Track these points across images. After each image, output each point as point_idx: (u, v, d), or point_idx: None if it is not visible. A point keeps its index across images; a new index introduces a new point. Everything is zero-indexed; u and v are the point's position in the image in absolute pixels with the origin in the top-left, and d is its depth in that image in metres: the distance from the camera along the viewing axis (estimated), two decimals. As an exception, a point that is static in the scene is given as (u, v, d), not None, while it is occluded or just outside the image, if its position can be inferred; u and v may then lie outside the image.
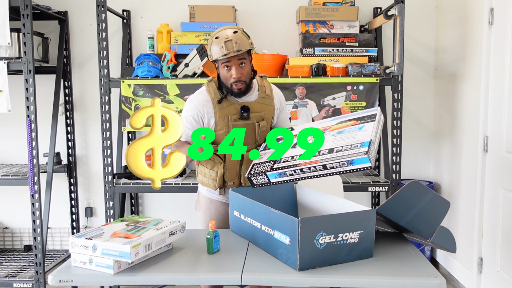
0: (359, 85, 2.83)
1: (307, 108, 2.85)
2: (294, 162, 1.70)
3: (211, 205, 2.14)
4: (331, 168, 1.60)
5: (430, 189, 1.66)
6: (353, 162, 1.55)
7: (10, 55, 2.88)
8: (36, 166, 2.76)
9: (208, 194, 2.15)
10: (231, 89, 1.95)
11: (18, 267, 3.10)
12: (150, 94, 2.84)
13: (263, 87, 2.07)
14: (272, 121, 2.09)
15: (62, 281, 1.50)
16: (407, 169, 3.39)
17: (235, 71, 1.89)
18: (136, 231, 1.61)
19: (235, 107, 1.98)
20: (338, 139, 1.71)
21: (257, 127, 2.00)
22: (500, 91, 2.52)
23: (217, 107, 1.97)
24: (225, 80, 1.95)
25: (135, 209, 3.49)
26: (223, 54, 1.86)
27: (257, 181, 1.80)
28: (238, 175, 2.03)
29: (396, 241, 1.78)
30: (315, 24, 3.03)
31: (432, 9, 3.36)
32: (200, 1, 3.20)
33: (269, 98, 2.07)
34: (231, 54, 1.85)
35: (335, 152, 1.62)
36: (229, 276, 1.50)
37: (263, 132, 2.02)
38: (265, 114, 2.04)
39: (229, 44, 1.84)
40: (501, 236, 2.54)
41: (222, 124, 1.98)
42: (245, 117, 1.98)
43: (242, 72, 1.91)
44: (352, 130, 1.72)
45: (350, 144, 1.62)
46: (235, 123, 1.97)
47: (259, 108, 2.02)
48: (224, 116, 1.97)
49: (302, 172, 1.67)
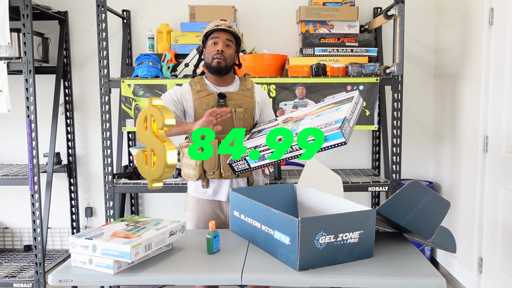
0: (359, 85, 2.83)
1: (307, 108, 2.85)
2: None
3: (198, 205, 2.15)
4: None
5: (430, 189, 1.66)
6: (327, 138, 1.61)
7: (10, 55, 2.88)
8: (36, 166, 2.76)
9: (194, 193, 2.17)
10: (211, 64, 2.06)
11: (18, 267, 3.10)
12: (150, 94, 2.84)
13: (244, 81, 2.17)
14: (254, 114, 2.14)
15: (62, 281, 1.50)
16: (407, 169, 3.39)
17: (221, 45, 2.04)
18: (136, 231, 1.61)
19: (214, 96, 2.08)
20: (315, 121, 1.76)
21: (233, 113, 2.06)
22: (500, 91, 2.52)
23: (196, 96, 2.08)
24: (208, 56, 2.08)
25: (135, 209, 3.49)
26: (216, 25, 2.04)
27: (238, 167, 1.86)
28: (217, 164, 2.06)
29: (396, 241, 1.78)
30: (315, 24, 3.03)
31: (432, 9, 3.36)
32: (200, 1, 3.20)
33: (250, 91, 2.15)
34: (223, 26, 2.04)
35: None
36: (229, 276, 1.50)
37: (240, 119, 2.08)
38: (243, 104, 2.10)
39: (222, 22, 2.07)
40: (501, 236, 2.54)
41: (201, 112, 2.06)
42: (221, 104, 2.06)
43: (226, 50, 2.05)
44: (329, 112, 1.79)
45: (326, 123, 1.68)
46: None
47: (238, 98, 2.11)
48: (203, 104, 2.06)
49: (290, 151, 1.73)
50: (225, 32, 2.06)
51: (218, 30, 2.06)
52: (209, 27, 2.08)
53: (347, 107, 1.72)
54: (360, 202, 2.03)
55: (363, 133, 3.42)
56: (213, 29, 2.06)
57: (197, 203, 2.15)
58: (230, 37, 2.07)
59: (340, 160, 3.43)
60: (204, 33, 2.09)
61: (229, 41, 2.07)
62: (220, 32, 2.06)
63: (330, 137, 1.60)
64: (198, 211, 2.15)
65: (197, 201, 2.16)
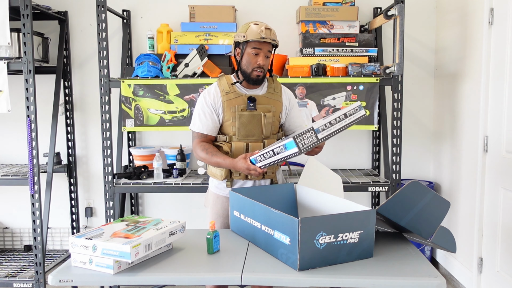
0: (359, 85, 2.83)
1: (307, 108, 2.85)
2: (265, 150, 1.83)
3: (218, 201, 2.16)
4: (277, 154, 1.76)
5: (430, 189, 1.66)
6: (286, 147, 1.68)
7: (10, 55, 2.88)
8: (36, 166, 2.76)
9: (215, 190, 2.17)
10: (250, 75, 2.02)
11: (18, 267, 3.10)
12: (150, 94, 2.84)
13: (272, 84, 2.14)
14: (280, 116, 2.14)
15: (62, 281, 1.50)
16: (407, 169, 3.39)
17: (262, 58, 2.00)
18: (136, 231, 1.61)
19: (243, 98, 2.05)
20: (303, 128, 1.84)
21: (263, 118, 2.05)
22: (500, 91, 2.52)
23: (225, 98, 2.04)
24: (247, 65, 2.02)
25: (135, 209, 3.49)
26: (261, 37, 1.97)
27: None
28: None
29: (396, 241, 1.78)
30: (315, 24, 3.03)
31: (432, 9, 3.36)
32: (200, 1, 3.20)
33: (277, 94, 2.13)
34: (268, 40, 1.98)
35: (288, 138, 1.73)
36: (229, 276, 1.49)
37: (269, 123, 2.07)
38: (272, 108, 2.09)
39: (268, 32, 1.99)
40: (501, 236, 2.54)
41: (230, 115, 2.04)
42: (251, 108, 2.04)
43: (266, 61, 2.02)
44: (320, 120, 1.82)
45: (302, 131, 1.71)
46: (241, 113, 2.04)
47: (266, 102, 2.08)
48: (232, 106, 2.04)
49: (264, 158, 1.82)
50: (267, 44, 2.00)
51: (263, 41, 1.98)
52: (252, 35, 1.96)
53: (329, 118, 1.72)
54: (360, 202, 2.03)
55: (363, 133, 3.43)
56: (257, 39, 1.97)
57: (217, 200, 2.16)
58: (270, 47, 2.03)
59: (340, 160, 3.43)
60: (246, 38, 1.98)
61: (269, 52, 2.03)
62: (264, 43, 1.99)
63: (287, 145, 1.67)
64: (217, 207, 2.16)
65: (217, 198, 2.16)
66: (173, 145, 3.34)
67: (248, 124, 2.04)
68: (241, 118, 2.04)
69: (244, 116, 2.04)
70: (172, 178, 2.92)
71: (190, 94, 2.85)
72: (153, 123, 2.88)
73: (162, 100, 2.84)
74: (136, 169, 2.93)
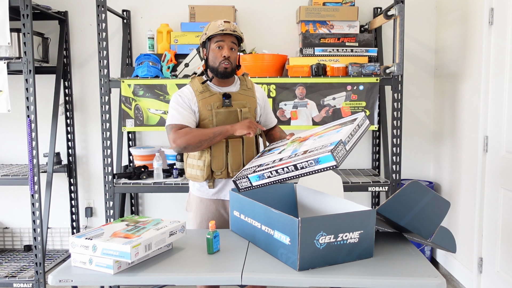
0: (359, 85, 2.83)
1: (307, 108, 2.85)
2: (273, 164, 1.73)
3: (202, 205, 2.14)
4: (301, 168, 1.63)
5: (430, 189, 1.66)
6: (319, 161, 1.58)
7: (10, 55, 2.88)
8: (36, 166, 2.76)
9: (198, 193, 2.15)
10: (218, 68, 2.03)
11: (18, 267, 3.10)
12: (150, 94, 2.84)
13: (244, 81, 2.17)
14: (256, 113, 2.15)
15: (62, 281, 1.50)
16: (407, 169, 3.39)
17: (226, 50, 2.01)
18: (136, 231, 1.61)
19: (217, 96, 2.06)
20: (316, 142, 1.74)
21: (239, 113, 2.05)
22: (500, 91, 2.52)
23: (200, 97, 2.05)
24: (213, 60, 2.04)
25: (135, 209, 3.49)
26: (221, 30, 1.99)
27: (242, 185, 1.83)
28: (225, 164, 2.05)
29: (396, 241, 1.78)
30: (315, 24, 3.03)
31: (432, 9, 3.36)
32: (200, 1, 3.20)
33: (251, 91, 2.16)
34: (228, 31, 2.00)
35: (308, 153, 1.65)
36: (229, 276, 1.49)
37: (245, 119, 2.05)
38: (247, 103, 2.10)
39: (227, 24, 2.01)
40: (501, 236, 2.54)
41: (206, 113, 2.04)
42: (227, 104, 2.05)
43: (231, 54, 2.03)
44: (331, 133, 1.77)
45: (322, 145, 1.65)
46: (218, 110, 2.04)
47: (241, 98, 2.11)
48: (207, 105, 2.04)
49: (277, 174, 1.70)
50: (230, 36, 2.03)
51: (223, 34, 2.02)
52: (212, 30, 2.02)
53: (347, 130, 1.70)
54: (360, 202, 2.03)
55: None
56: (218, 33, 2.01)
57: (201, 203, 2.14)
58: (234, 39, 2.05)
59: (340, 160, 3.43)
60: (207, 35, 2.03)
61: (234, 44, 2.04)
62: (225, 35, 2.02)
63: (321, 160, 1.58)
64: (202, 211, 2.14)
65: (200, 201, 2.14)
66: (173, 145, 3.34)
67: (225, 121, 2.03)
68: (218, 115, 2.03)
69: (221, 113, 2.03)
70: (172, 178, 2.92)
71: (190, 94, 2.84)
72: (153, 123, 2.88)
73: (162, 100, 2.84)
74: (136, 169, 2.93)
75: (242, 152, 2.08)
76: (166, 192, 2.90)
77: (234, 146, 2.05)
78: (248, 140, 2.08)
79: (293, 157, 1.68)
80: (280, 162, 1.71)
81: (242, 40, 2.10)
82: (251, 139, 2.09)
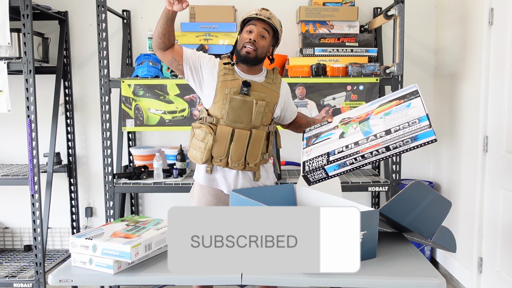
0: (359, 85, 2.83)
1: (307, 108, 2.85)
2: (352, 150, 1.67)
3: (201, 191, 2.10)
4: (394, 149, 1.60)
5: (432, 189, 1.67)
6: (417, 138, 1.57)
7: (10, 55, 2.88)
8: (36, 166, 2.76)
9: (200, 181, 2.10)
10: (240, 52, 1.98)
11: (18, 267, 3.10)
12: (150, 94, 2.84)
13: (272, 75, 2.09)
14: (274, 109, 2.06)
15: (62, 281, 1.50)
16: (407, 169, 3.39)
17: (255, 34, 1.95)
18: (136, 231, 1.61)
19: (238, 82, 1.98)
20: (389, 120, 1.69)
21: (254, 105, 1.97)
22: (500, 91, 2.52)
23: (222, 78, 1.98)
24: (240, 43, 1.99)
25: (135, 209, 3.49)
26: (255, 13, 1.96)
27: (314, 178, 1.76)
28: (226, 153, 1.98)
29: (396, 241, 1.78)
30: (315, 24, 3.03)
31: (432, 9, 3.36)
32: (200, 1, 3.20)
33: (276, 86, 2.08)
34: (261, 17, 1.95)
35: (393, 132, 1.62)
36: (229, 276, 1.49)
37: (260, 113, 1.98)
38: (267, 97, 2.01)
39: (264, 11, 1.98)
40: (501, 236, 2.54)
41: (221, 96, 1.97)
42: (244, 92, 1.97)
43: (259, 41, 1.96)
44: (400, 109, 1.72)
45: (407, 121, 1.62)
46: (233, 96, 1.96)
47: (262, 90, 2.02)
48: (225, 88, 1.97)
49: (364, 159, 1.65)
50: (263, 22, 1.96)
51: (256, 19, 1.95)
52: (247, 14, 1.99)
53: (420, 103, 1.68)
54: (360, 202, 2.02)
55: (363, 133, 3.42)
56: (251, 16, 1.95)
57: (201, 190, 2.10)
58: (267, 27, 1.97)
59: (340, 160, 3.43)
60: (242, 19, 1.99)
61: (266, 31, 1.97)
62: (258, 21, 1.95)
63: (420, 136, 1.57)
64: (200, 197, 2.09)
65: (201, 188, 2.10)
66: (173, 145, 3.34)
67: (238, 109, 1.96)
68: (231, 101, 1.95)
69: (235, 100, 1.96)
70: (172, 178, 2.92)
71: (190, 94, 2.85)
72: (153, 123, 2.88)
73: (162, 100, 2.84)
74: (136, 169, 2.93)
75: (247, 145, 1.99)
76: (166, 192, 2.90)
77: (240, 137, 1.97)
78: (257, 135, 2.00)
79: (378, 139, 1.63)
80: (361, 146, 1.65)
81: (278, 32, 2.02)
82: (260, 134, 2.01)
